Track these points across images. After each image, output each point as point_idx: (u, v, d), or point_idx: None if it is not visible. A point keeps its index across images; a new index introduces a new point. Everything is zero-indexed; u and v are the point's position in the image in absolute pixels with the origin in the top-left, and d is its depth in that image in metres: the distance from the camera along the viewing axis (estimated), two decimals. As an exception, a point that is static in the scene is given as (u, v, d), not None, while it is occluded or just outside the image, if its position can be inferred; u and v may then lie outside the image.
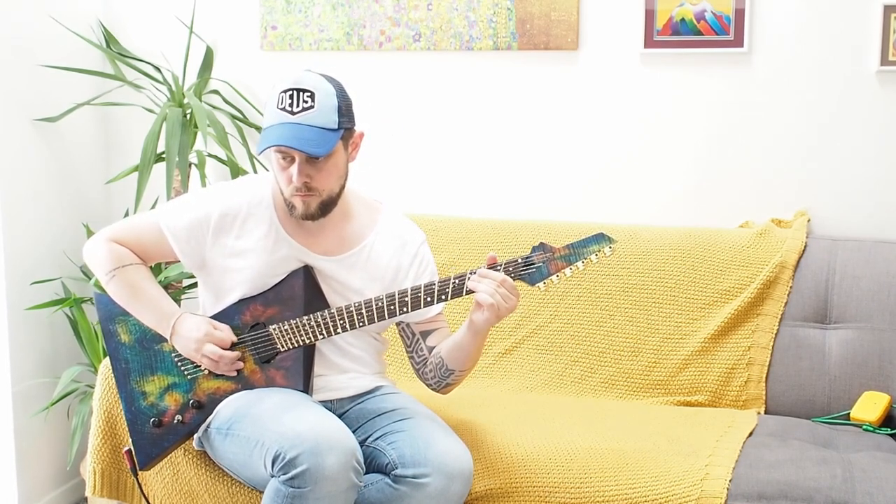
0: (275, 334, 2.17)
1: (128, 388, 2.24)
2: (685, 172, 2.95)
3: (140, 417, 2.22)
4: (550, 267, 2.07)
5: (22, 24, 2.95)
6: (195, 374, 2.21)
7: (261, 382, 2.18)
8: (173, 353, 2.22)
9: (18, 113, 2.95)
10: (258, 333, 2.19)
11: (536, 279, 2.07)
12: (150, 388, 2.23)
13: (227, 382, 2.20)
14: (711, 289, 2.70)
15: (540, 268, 2.07)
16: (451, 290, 2.10)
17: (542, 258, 2.07)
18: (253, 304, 2.19)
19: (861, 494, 2.06)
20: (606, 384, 2.71)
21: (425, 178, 3.12)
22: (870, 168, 2.82)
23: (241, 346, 2.19)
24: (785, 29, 2.83)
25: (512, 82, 3.04)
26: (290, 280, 2.18)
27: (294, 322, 2.16)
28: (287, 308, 2.17)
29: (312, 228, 2.21)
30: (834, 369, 2.60)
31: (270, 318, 2.18)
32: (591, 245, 2.07)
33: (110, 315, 2.28)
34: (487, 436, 2.30)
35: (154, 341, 2.24)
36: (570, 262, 2.07)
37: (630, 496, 2.11)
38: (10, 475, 2.96)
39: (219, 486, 2.27)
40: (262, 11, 3.17)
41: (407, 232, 2.30)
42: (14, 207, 2.93)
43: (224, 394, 2.20)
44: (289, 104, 2.07)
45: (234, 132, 3.18)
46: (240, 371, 2.19)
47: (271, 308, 2.18)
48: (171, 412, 2.21)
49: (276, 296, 2.18)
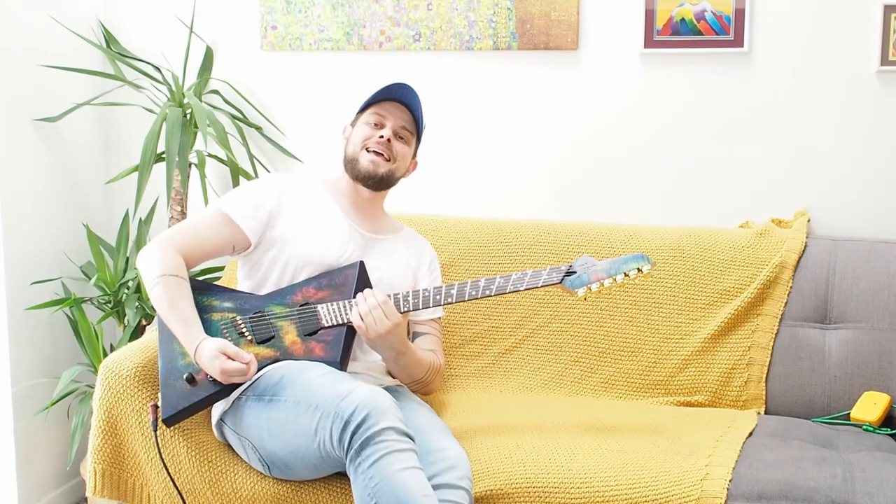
0: (321, 311, 2.28)
1: (170, 347, 2.28)
2: (685, 172, 2.95)
3: (174, 373, 2.25)
4: (591, 275, 2.21)
5: (22, 24, 2.95)
6: (239, 341, 2.28)
7: (300, 353, 2.25)
8: (221, 322, 2.30)
9: (18, 113, 2.95)
10: (305, 309, 2.30)
11: (577, 285, 2.20)
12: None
13: (267, 350, 2.26)
14: (711, 289, 2.71)
15: (581, 276, 2.22)
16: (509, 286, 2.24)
17: (584, 267, 2.23)
18: (306, 287, 2.32)
19: (861, 494, 2.06)
20: (606, 384, 2.71)
21: (425, 178, 3.11)
22: (870, 168, 2.82)
23: (287, 319, 2.29)
24: (785, 29, 2.83)
25: (512, 82, 3.04)
26: (345, 270, 2.33)
27: (343, 302, 2.27)
28: (338, 294, 2.30)
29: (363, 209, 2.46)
30: (834, 369, 2.60)
31: (321, 300, 2.30)
32: (630, 262, 2.22)
33: None
34: (487, 436, 2.30)
35: (204, 311, 2.31)
36: (610, 274, 2.20)
37: (630, 496, 2.11)
38: (10, 475, 2.96)
39: (223, 483, 2.27)
40: (262, 11, 3.17)
41: (424, 245, 2.58)
42: (14, 207, 2.93)
43: (261, 360, 2.25)
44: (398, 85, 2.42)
45: (234, 132, 3.18)
46: (281, 340, 2.27)
47: (323, 291, 2.31)
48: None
49: (330, 282, 2.32)
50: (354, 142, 2.44)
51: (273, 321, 2.31)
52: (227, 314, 2.34)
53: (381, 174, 2.41)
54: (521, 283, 2.22)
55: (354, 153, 2.42)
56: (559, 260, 2.79)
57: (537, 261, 2.81)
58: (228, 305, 2.35)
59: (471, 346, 2.79)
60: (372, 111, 2.44)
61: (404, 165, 2.47)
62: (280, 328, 2.29)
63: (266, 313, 2.32)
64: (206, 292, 2.39)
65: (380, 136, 2.39)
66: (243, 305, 2.36)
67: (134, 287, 3.02)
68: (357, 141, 2.43)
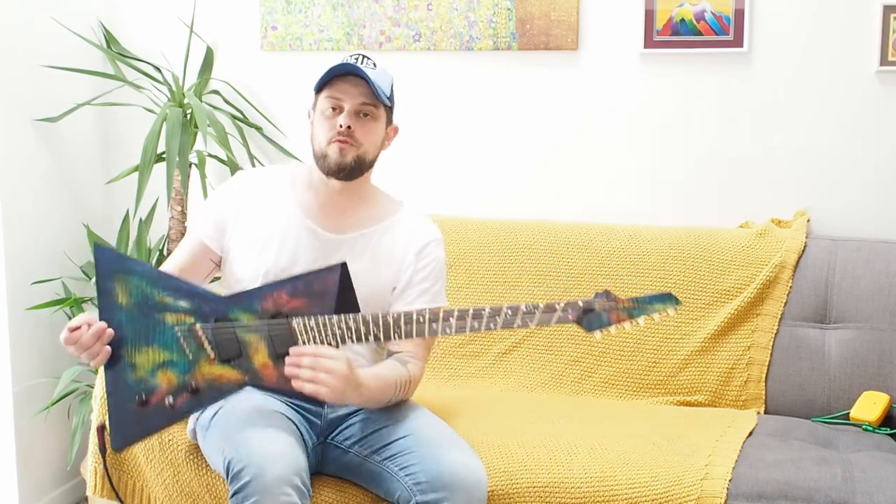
0: (297, 329, 1.99)
1: (116, 354, 2.04)
2: (685, 172, 2.95)
3: (124, 391, 2.02)
4: (611, 317, 1.95)
5: (22, 24, 2.95)
6: (199, 355, 2.03)
7: (271, 380, 2.01)
8: (177, 326, 2.03)
9: (18, 113, 2.95)
10: (278, 323, 2.00)
11: (595, 326, 1.95)
12: (140, 361, 2.04)
13: (233, 371, 2.02)
14: (711, 289, 2.70)
15: (599, 315, 1.95)
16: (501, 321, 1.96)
17: (605, 306, 1.95)
18: (277, 292, 2.01)
19: (861, 494, 2.06)
20: (606, 384, 2.71)
21: (425, 178, 3.12)
22: (870, 168, 2.82)
23: (255, 332, 2.01)
24: (785, 29, 2.83)
25: (512, 82, 3.04)
26: (325, 275, 2.01)
27: (322, 319, 1.99)
28: (316, 303, 1.99)
29: (330, 207, 2.24)
30: (834, 369, 2.60)
31: (295, 309, 2.00)
32: (656, 303, 1.95)
33: (110, 271, 2.06)
34: (488, 436, 2.30)
35: (156, 309, 2.03)
36: (632, 317, 1.95)
37: (630, 496, 2.11)
38: (11, 475, 2.96)
39: (220, 487, 2.27)
40: (262, 11, 3.17)
41: (421, 227, 2.30)
42: (14, 207, 2.93)
43: (226, 383, 2.02)
44: (354, 60, 2.19)
45: (234, 132, 3.18)
46: (249, 359, 2.02)
47: (297, 300, 2.00)
48: (162, 392, 2.03)
49: (307, 288, 2.00)
50: (318, 139, 2.21)
51: (239, 333, 2.02)
52: (183, 317, 2.04)
53: (349, 162, 2.17)
54: (531, 318, 1.96)
55: (321, 149, 2.20)
56: (559, 260, 2.79)
57: (537, 261, 2.80)
58: (185, 305, 2.05)
59: (471, 346, 2.79)
60: (326, 94, 2.20)
61: (375, 143, 2.22)
62: (248, 344, 2.02)
63: (231, 321, 2.03)
64: (157, 283, 2.06)
65: (339, 126, 2.16)
66: (202, 307, 2.04)
67: (134, 287, 3.02)
68: (320, 137, 2.20)
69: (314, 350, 1.97)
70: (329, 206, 2.25)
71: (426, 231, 2.30)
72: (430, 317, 1.98)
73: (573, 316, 1.95)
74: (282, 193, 2.27)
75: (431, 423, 2.18)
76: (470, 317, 1.96)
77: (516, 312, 1.95)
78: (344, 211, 2.25)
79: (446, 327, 1.97)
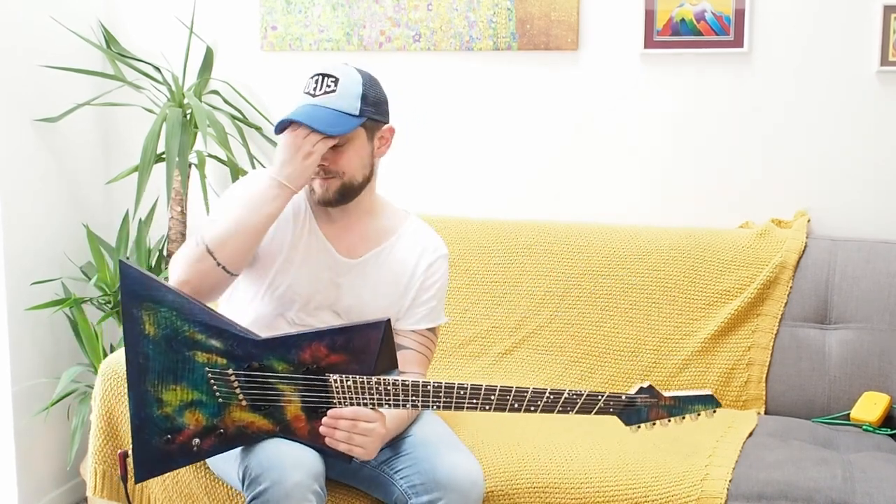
0: (334, 386, 1.95)
1: (140, 388, 1.98)
2: (685, 172, 2.95)
3: (149, 427, 1.98)
4: (651, 413, 1.96)
5: (22, 24, 2.95)
6: (229, 399, 1.97)
7: (303, 433, 1.97)
8: (208, 367, 1.97)
9: (18, 113, 2.95)
10: (314, 380, 1.95)
11: (633, 421, 1.96)
12: (168, 398, 1.98)
13: (264, 420, 1.97)
14: (711, 289, 2.70)
15: (640, 410, 1.95)
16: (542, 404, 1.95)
17: (646, 402, 1.95)
18: (317, 343, 1.95)
19: (861, 494, 2.06)
20: (606, 384, 2.71)
21: (425, 178, 3.11)
22: (870, 168, 2.82)
23: (290, 384, 1.96)
24: (785, 29, 2.83)
25: (512, 82, 3.04)
26: (367, 331, 1.94)
27: (361, 380, 1.94)
28: (355, 360, 1.94)
29: (339, 221, 2.20)
30: (834, 369, 2.60)
31: (332, 365, 1.94)
32: (696, 404, 1.96)
33: (138, 296, 1.97)
34: (487, 436, 2.30)
35: (185, 345, 1.96)
36: (672, 415, 1.97)
37: (630, 496, 2.11)
38: (11, 475, 2.96)
39: (219, 489, 2.27)
40: (262, 11, 3.17)
41: (430, 241, 2.27)
42: (14, 207, 2.93)
43: (256, 431, 1.98)
44: (313, 88, 2.12)
45: (234, 132, 3.18)
46: (282, 410, 1.98)
47: (336, 355, 1.94)
48: (189, 433, 1.98)
49: (346, 343, 1.94)
50: None
51: (273, 382, 1.97)
52: (216, 357, 1.97)
53: (333, 196, 2.13)
54: (572, 405, 1.94)
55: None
56: (559, 260, 2.79)
57: (537, 261, 2.80)
58: (217, 345, 1.97)
59: (471, 346, 2.79)
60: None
61: (359, 164, 2.14)
62: (282, 393, 1.97)
63: (266, 369, 1.96)
64: (188, 316, 1.97)
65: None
66: (235, 350, 1.97)
67: (134, 287, 3.02)
68: None
69: (353, 414, 1.95)
70: (338, 222, 2.21)
71: (435, 245, 2.27)
72: (471, 392, 1.94)
73: (615, 410, 1.96)
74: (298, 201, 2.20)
75: (428, 425, 2.18)
76: (512, 397, 1.94)
77: (559, 398, 1.94)
78: (352, 227, 2.22)
79: (486, 404, 1.95)
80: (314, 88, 2.12)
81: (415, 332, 2.22)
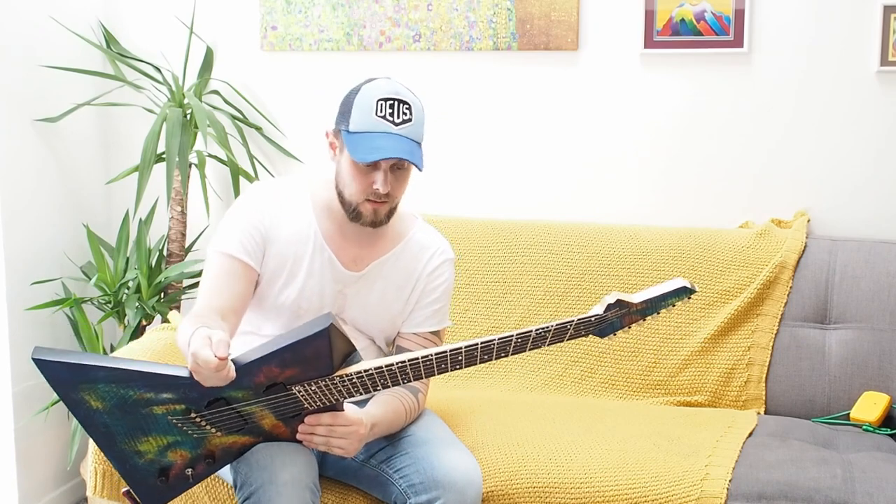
0: (300, 395, 1.93)
1: (115, 450, 1.98)
2: (685, 172, 2.95)
3: (140, 474, 2.00)
4: (624, 320, 1.94)
5: (22, 24, 2.95)
6: (203, 433, 1.98)
7: (285, 435, 2.00)
8: (169, 416, 1.94)
9: (18, 113, 2.95)
10: (279, 396, 1.93)
11: (607, 332, 1.95)
12: (145, 448, 1.98)
13: (245, 437, 1.99)
14: (711, 289, 2.71)
15: (613, 322, 1.93)
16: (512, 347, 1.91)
17: (617, 314, 1.92)
18: (267, 367, 1.89)
19: (861, 494, 2.06)
20: (606, 384, 2.71)
21: (425, 179, 3.11)
22: (870, 168, 2.82)
23: (257, 405, 1.94)
24: (785, 29, 2.83)
25: (512, 82, 3.04)
26: (314, 341, 1.88)
27: (324, 382, 1.91)
28: (312, 367, 1.90)
29: (348, 233, 2.17)
30: (834, 369, 2.60)
31: (291, 378, 1.91)
32: (669, 298, 1.93)
33: (69, 384, 1.91)
34: (488, 436, 2.30)
35: (139, 405, 1.92)
36: (645, 315, 1.95)
37: (630, 496, 2.11)
38: (10, 475, 2.96)
39: (219, 489, 2.27)
40: (262, 11, 3.17)
41: (436, 245, 2.25)
42: (14, 207, 2.93)
43: (242, 446, 2.00)
44: (390, 113, 2.05)
45: (234, 132, 3.18)
46: (258, 425, 1.98)
47: (290, 369, 1.89)
48: (179, 466, 2.00)
49: (296, 356, 1.89)
50: (349, 189, 2.09)
51: (239, 408, 1.94)
52: (173, 406, 1.93)
53: (382, 219, 2.12)
54: (542, 339, 1.91)
55: (353, 201, 2.10)
56: (559, 260, 2.79)
57: (537, 261, 2.81)
58: (169, 396, 1.92)
59: (471, 346, 2.79)
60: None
61: (405, 189, 2.14)
62: (251, 414, 1.95)
63: (226, 401, 1.93)
64: (127, 382, 1.90)
65: (376, 189, 2.06)
66: (189, 394, 1.91)
67: (134, 287, 3.02)
68: (352, 189, 2.09)
69: (330, 420, 1.95)
70: (350, 238, 2.18)
71: (440, 251, 2.25)
72: (437, 358, 1.90)
73: (586, 331, 1.94)
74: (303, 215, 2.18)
75: (427, 424, 2.18)
76: (479, 350, 1.90)
77: (527, 338, 1.90)
78: (361, 241, 2.19)
79: (455, 364, 1.91)
80: (392, 115, 2.06)
81: (417, 336, 2.22)
